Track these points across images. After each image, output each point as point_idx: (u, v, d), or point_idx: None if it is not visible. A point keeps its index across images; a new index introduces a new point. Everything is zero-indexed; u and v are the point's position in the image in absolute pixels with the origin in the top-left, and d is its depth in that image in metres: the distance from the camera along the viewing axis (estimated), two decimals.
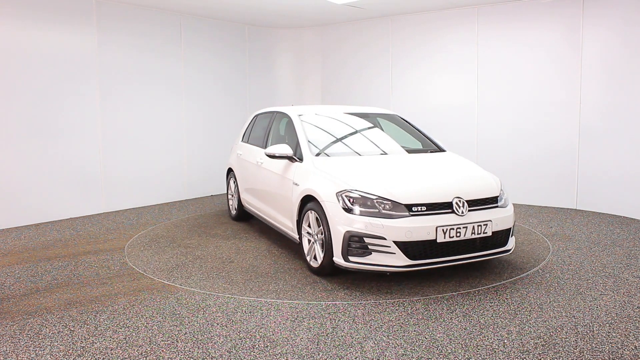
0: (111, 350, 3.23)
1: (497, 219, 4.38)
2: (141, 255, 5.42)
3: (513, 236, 4.71)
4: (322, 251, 4.50)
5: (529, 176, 7.87)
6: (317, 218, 4.54)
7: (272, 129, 6.14)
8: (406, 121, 5.99)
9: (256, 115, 6.84)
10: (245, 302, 4.02)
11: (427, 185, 4.44)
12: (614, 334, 3.39)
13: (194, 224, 6.88)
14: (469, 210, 4.30)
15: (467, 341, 3.31)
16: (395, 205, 4.16)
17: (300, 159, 5.07)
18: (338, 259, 4.28)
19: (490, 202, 4.48)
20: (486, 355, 3.13)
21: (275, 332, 3.47)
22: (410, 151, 5.42)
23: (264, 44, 10.00)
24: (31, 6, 6.66)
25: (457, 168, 5.00)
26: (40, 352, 3.21)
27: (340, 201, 4.28)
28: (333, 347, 3.24)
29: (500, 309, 3.82)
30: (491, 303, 3.95)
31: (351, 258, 4.19)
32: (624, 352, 3.15)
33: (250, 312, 3.81)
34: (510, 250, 4.59)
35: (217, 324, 3.60)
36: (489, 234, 4.31)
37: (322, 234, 4.49)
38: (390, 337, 3.37)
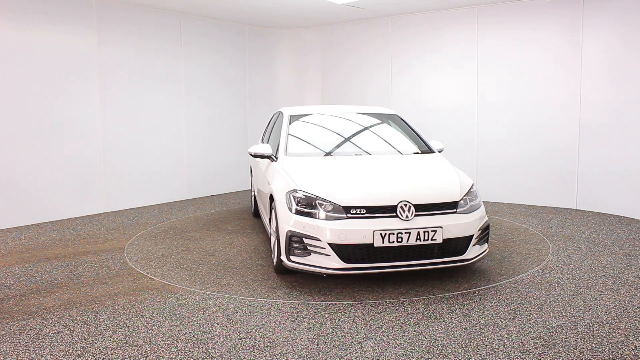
0: (111, 350, 3.23)
1: (451, 225, 4.12)
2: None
3: (481, 245, 4.43)
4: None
5: (529, 176, 7.87)
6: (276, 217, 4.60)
7: (274, 129, 6.20)
8: (404, 121, 5.89)
9: (273, 115, 6.96)
10: (245, 302, 4.02)
11: (373, 187, 4.30)
12: (614, 334, 3.39)
13: (214, 218, 7.13)
14: (418, 215, 4.10)
15: (467, 341, 3.31)
16: (335, 207, 4.11)
17: (277, 159, 5.17)
18: (283, 257, 4.31)
19: (446, 207, 4.22)
20: (486, 355, 3.13)
21: (275, 332, 3.47)
22: (388, 152, 5.26)
23: (264, 44, 9.99)
24: (31, 6, 6.66)
25: (424, 171, 4.80)
26: (40, 352, 3.21)
27: (287, 201, 4.31)
28: (333, 347, 3.24)
29: (500, 309, 3.82)
30: (491, 303, 3.95)
31: (292, 258, 4.22)
32: (624, 352, 3.15)
33: (250, 312, 3.81)
34: (470, 260, 4.27)
35: (217, 324, 3.60)
36: (439, 240, 4.07)
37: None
38: (390, 337, 3.37)
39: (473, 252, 4.31)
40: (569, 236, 5.97)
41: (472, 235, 4.25)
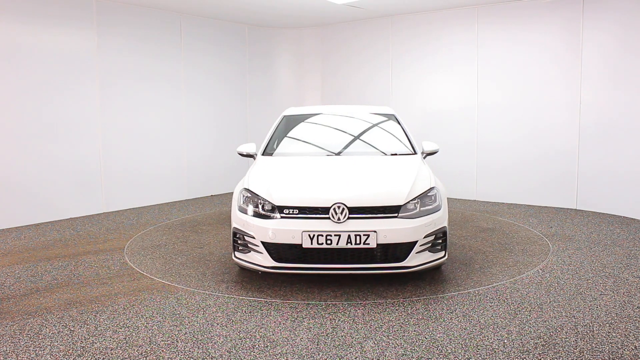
0: (111, 350, 3.23)
1: (388, 230, 3.97)
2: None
3: (434, 252, 4.21)
4: None
5: (529, 176, 7.87)
6: None
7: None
8: (398, 121, 5.67)
9: None
10: (245, 302, 4.02)
11: (312, 188, 4.30)
12: (614, 334, 3.39)
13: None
14: (352, 219, 4.01)
15: (467, 341, 3.31)
16: (272, 206, 4.18)
17: (255, 158, 5.30)
18: (232, 253, 4.46)
19: (387, 211, 4.07)
20: (486, 355, 3.13)
21: (275, 332, 3.47)
22: (361, 154, 5.13)
23: (264, 44, 9.99)
24: (32, 7, 6.66)
25: (381, 173, 4.63)
26: (40, 352, 3.21)
27: (238, 198, 4.45)
28: (333, 347, 3.24)
29: (500, 309, 3.82)
30: (491, 303, 3.95)
31: (236, 254, 4.38)
32: (624, 352, 3.15)
33: (250, 312, 3.81)
34: (412, 267, 4.08)
35: (217, 324, 3.60)
36: (373, 245, 3.94)
37: None
38: (390, 337, 3.37)
39: (417, 259, 4.10)
40: (569, 236, 5.96)
41: (416, 242, 4.06)
